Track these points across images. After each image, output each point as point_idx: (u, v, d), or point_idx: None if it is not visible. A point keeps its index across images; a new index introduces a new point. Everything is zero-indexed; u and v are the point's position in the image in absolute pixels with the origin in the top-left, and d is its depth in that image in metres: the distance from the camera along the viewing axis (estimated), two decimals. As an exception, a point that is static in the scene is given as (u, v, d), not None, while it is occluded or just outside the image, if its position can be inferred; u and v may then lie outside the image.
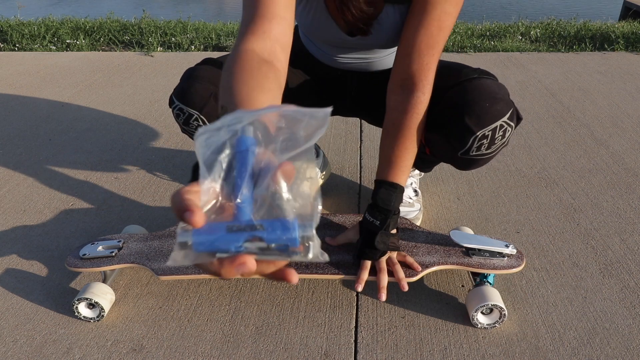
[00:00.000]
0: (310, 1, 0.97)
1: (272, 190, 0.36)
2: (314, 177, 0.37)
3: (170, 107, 1.02)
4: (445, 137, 0.95)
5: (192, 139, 1.03)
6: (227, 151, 0.38)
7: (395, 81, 0.95)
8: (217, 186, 0.37)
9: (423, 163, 1.15)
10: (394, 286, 1.08)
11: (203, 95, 0.96)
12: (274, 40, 0.71)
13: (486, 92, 0.89)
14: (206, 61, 1.02)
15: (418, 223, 1.27)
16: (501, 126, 0.90)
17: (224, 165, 0.37)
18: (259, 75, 0.63)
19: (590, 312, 1.01)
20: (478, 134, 0.90)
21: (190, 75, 0.98)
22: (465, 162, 0.98)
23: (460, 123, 0.90)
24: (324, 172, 1.40)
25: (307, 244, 0.36)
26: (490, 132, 0.90)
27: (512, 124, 0.91)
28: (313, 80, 1.17)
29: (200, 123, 0.99)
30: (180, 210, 0.36)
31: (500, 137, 0.91)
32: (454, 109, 0.91)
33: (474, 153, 0.94)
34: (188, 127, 1.01)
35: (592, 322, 0.99)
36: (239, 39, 0.71)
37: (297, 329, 0.98)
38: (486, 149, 0.93)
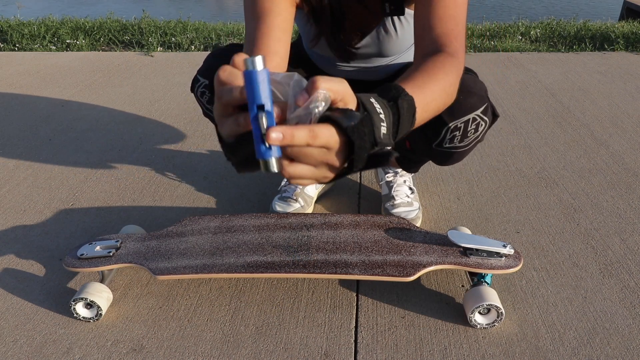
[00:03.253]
0: (312, 26, 1.01)
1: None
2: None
3: (192, 90, 1.03)
4: (421, 128, 0.95)
5: (215, 122, 1.04)
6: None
7: (417, 57, 0.81)
8: None
9: (407, 162, 1.16)
10: (393, 286, 1.08)
11: None
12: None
13: (462, 86, 0.88)
14: (230, 45, 1.05)
15: (418, 223, 1.27)
16: (474, 119, 0.92)
17: None
18: None
19: (590, 312, 1.01)
20: (450, 125, 0.92)
21: (215, 54, 1.02)
22: (441, 155, 1.00)
23: None
24: None
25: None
26: (462, 125, 0.92)
27: (485, 118, 0.93)
28: None
29: None
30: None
31: (473, 131, 0.94)
32: None
33: (447, 145, 0.96)
34: (213, 106, 1.01)
35: (592, 322, 0.99)
36: None
37: (297, 329, 0.98)
38: (459, 142, 0.95)
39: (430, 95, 0.68)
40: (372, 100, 0.54)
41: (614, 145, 1.70)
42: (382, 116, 0.54)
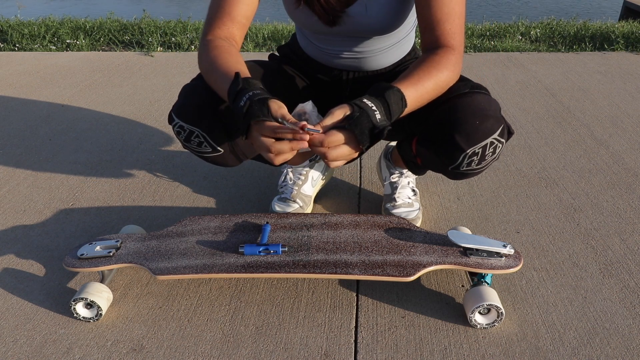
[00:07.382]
0: None
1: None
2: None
3: (170, 124, 1.00)
4: (436, 152, 0.96)
5: (195, 153, 1.02)
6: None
7: (423, 50, 0.95)
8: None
9: (415, 168, 1.16)
10: (393, 286, 1.08)
11: (203, 110, 0.95)
12: (232, 29, 0.97)
13: (476, 109, 0.89)
14: (201, 75, 1.00)
15: (418, 224, 1.27)
16: (491, 143, 0.91)
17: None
18: (233, 51, 0.93)
19: (590, 312, 1.01)
20: (468, 151, 0.91)
21: (188, 92, 0.97)
22: (457, 175, 0.99)
23: (451, 141, 0.91)
24: (325, 175, 1.40)
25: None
26: (480, 150, 0.91)
27: (502, 140, 0.92)
28: (311, 85, 1.17)
29: (202, 139, 0.97)
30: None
31: (490, 154, 0.93)
32: (444, 126, 0.91)
33: (464, 168, 0.95)
34: (189, 144, 1.00)
35: (592, 322, 0.99)
36: (205, 31, 0.98)
37: (297, 329, 0.98)
38: (477, 165, 0.94)
39: (423, 90, 0.87)
40: (365, 100, 0.80)
41: (614, 145, 1.70)
42: (373, 108, 0.79)
